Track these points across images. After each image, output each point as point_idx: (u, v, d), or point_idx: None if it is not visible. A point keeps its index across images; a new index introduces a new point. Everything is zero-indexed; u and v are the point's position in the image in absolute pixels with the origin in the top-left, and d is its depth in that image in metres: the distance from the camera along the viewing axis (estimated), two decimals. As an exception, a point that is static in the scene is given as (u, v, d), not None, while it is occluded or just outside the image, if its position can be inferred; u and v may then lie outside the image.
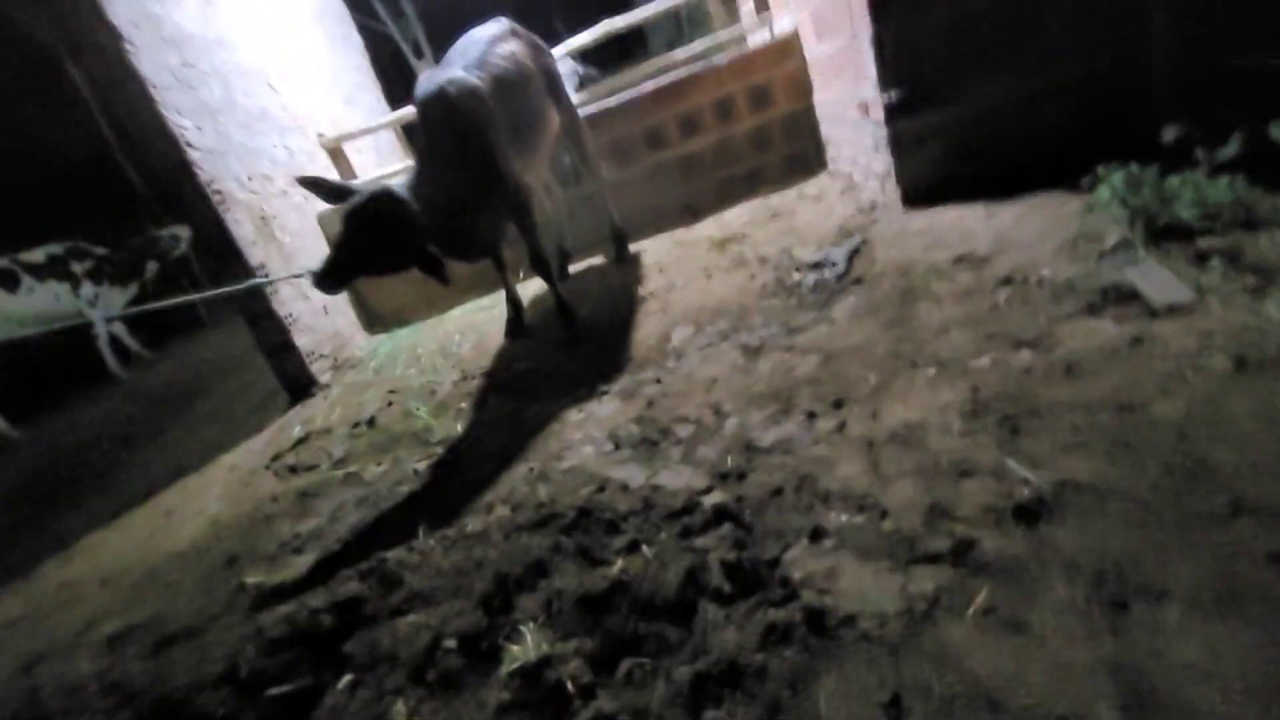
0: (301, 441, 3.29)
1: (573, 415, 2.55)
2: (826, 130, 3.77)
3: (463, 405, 3.02)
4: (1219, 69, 2.23)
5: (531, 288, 4.14)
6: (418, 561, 1.67)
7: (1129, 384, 1.51)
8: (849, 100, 3.16)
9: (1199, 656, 0.94)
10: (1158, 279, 1.82)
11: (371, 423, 3.19)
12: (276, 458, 3.22)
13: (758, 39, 4.03)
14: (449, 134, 2.64)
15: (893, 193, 2.93)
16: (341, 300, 4.24)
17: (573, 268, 4.12)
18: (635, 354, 2.84)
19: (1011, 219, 2.44)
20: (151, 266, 6.65)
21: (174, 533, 2.94)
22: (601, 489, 1.94)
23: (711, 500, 1.72)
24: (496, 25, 3.10)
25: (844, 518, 1.50)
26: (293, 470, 3.06)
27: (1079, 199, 2.29)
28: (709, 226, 3.83)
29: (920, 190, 2.83)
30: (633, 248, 3.97)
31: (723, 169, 4.05)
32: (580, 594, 1.38)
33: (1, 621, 2.72)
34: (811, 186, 3.77)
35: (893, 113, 2.72)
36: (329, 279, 2.28)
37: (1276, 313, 1.55)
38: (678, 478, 1.91)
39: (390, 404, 3.31)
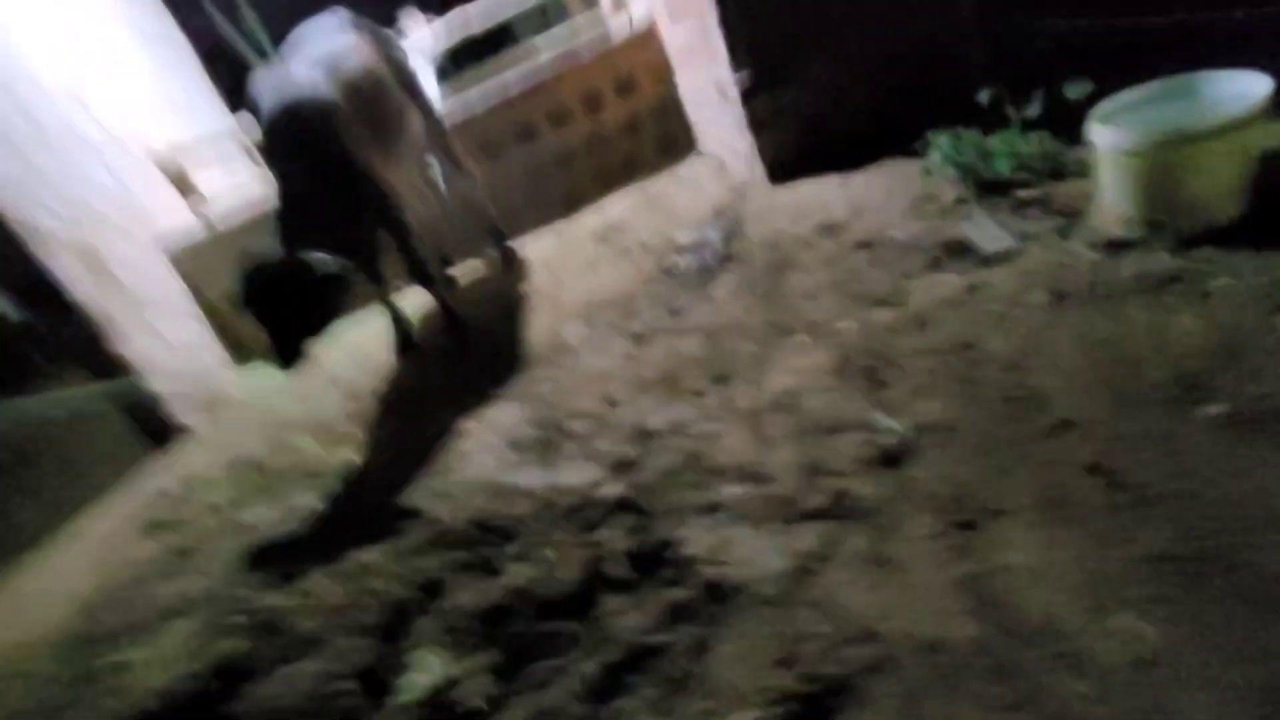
0: (167, 494, 3.00)
1: (469, 425, 2.48)
2: (692, 113, 3.85)
3: (355, 431, 2.86)
4: (1022, 33, 2.47)
5: (415, 299, 3.97)
6: (305, 604, 1.57)
7: (968, 327, 1.66)
8: (708, 82, 3.24)
9: (1035, 561, 1.05)
10: (986, 230, 2.00)
11: (259, 467, 2.96)
12: (143, 514, 2.92)
13: (617, 25, 4.04)
14: (307, 150, 2.46)
15: (758, 170, 3.05)
16: (201, 332, 3.89)
17: (455, 272, 3.99)
18: (528, 355, 2.79)
19: (863, 186, 2.60)
20: None
21: (36, 620, 2.59)
22: (499, 496, 1.90)
23: (609, 491, 1.73)
24: (333, 16, 2.89)
25: (734, 489, 1.55)
26: (162, 526, 2.78)
27: (917, 163, 2.48)
28: (589, 218, 3.82)
29: (781, 166, 2.95)
30: (515, 245, 3.89)
31: (597, 159, 4.05)
32: (480, 607, 1.35)
33: None
34: (684, 169, 3.85)
35: (746, 94, 2.82)
36: (286, 360, 2.26)
37: (1081, 249, 1.75)
38: (578, 473, 1.90)
39: (275, 441, 3.07)
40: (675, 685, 1.15)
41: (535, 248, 3.80)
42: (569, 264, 3.39)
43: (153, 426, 3.39)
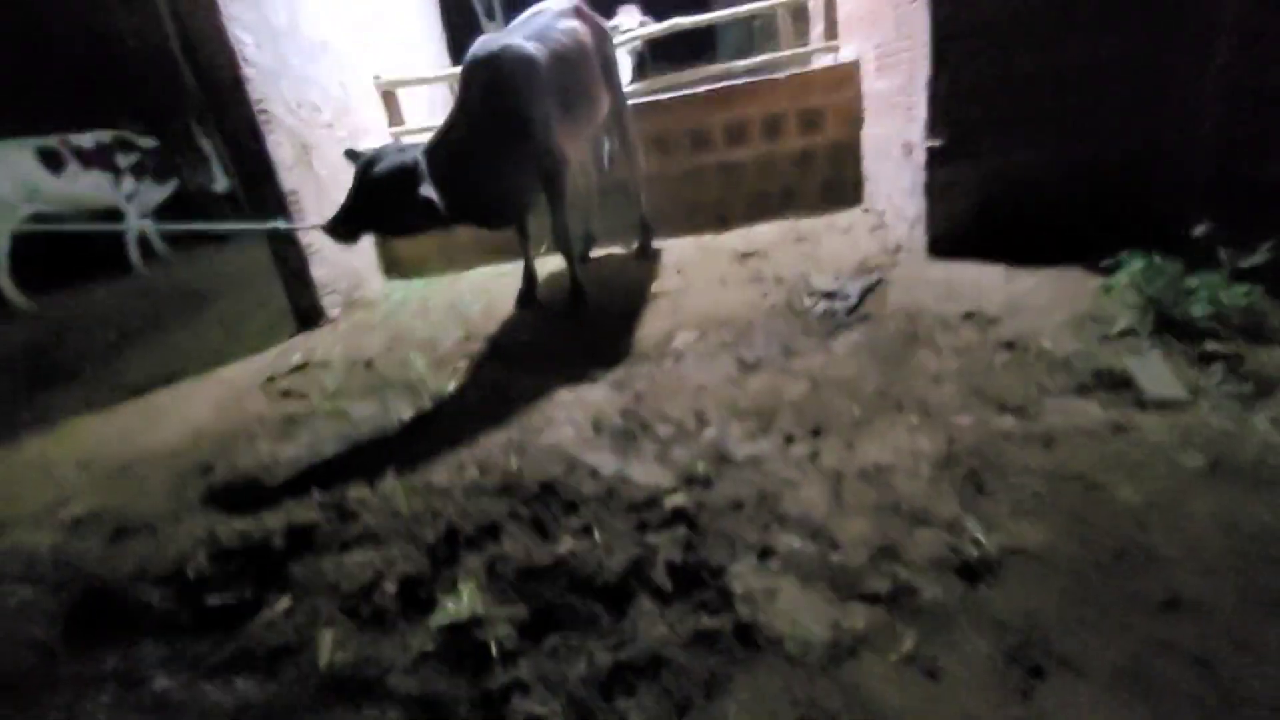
0: (299, 369, 3.34)
1: (563, 394, 2.57)
2: (869, 165, 3.77)
3: (460, 364, 3.06)
4: (1259, 175, 2.21)
5: (550, 264, 4.17)
6: (379, 503, 1.71)
7: (1100, 464, 1.52)
8: (895, 139, 3.16)
9: (1096, 735, 0.96)
10: (1155, 371, 1.82)
11: (369, 364, 3.24)
12: (271, 379, 3.28)
13: (821, 62, 4.03)
14: (492, 98, 2.66)
15: (920, 239, 2.93)
16: (366, 242, 4.30)
17: (595, 253, 4.15)
18: (636, 347, 2.86)
19: (1028, 286, 2.43)
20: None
21: (157, 432, 3.00)
22: (571, 470, 1.97)
23: (673, 501, 1.74)
24: (565, 1, 3.13)
25: (795, 542, 1.52)
26: (285, 394, 3.11)
27: (1097, 278, 2.29)
28: (735, 238, 3.84)
29: (946, 241, 2.83)
30: (657, 244, 3.99)
31: (760, 184, 4.06)
32: (525, 563, 1.42)
33: None
34: (843, 218, 3.77)
35: (934, 158, 2.72)
36: (337, 230, 2.35)
37: (1261, 425, 1.55)
38: (647, 473, 1.93)
39: (391, 350, 3.35)
40: (680, 709, 1.15)
41: (675, 251, 3.88)
42: (702, 276, 3.42)
43: (304, 309, 3.78)
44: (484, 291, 3.93)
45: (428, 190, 2.40)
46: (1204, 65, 2.36)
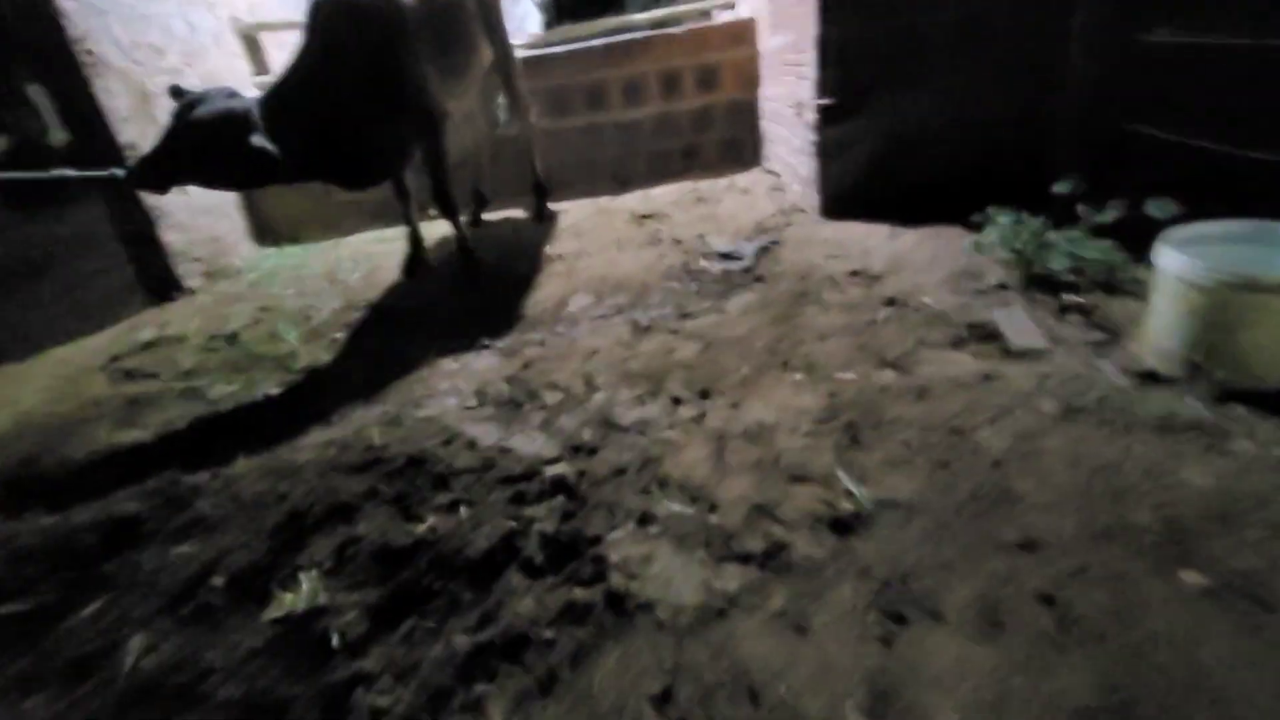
0: (148, 346, 2.99)
1: (447, 364, 2.42)
2: (766, 126, 3.75)
3: (337, 335, 2.82)
4: (1116, 135, 2.33)
5: (440, 228, 3.92)
6: (219, 487, 1.52)
7: (966, 412, 1.55)
8: (788, 98, 3.14)
9: (950, 675, 0.96)
10: (1019, 323, 1.89)
11: (233, 339, 2.93)
12: (115, 359, 2.91)
13: (720, 18, 3.94)
14: (353, 43, 2.39)
15: (813, 200, 2.94)
16: (229, 203, 3.88)
17: (490, 215, 3.94)
18: (528, 313, 2.73)
19: (910, 243, 2.49)
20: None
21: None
22: (448, 442, 1.84)
23: (554, 471, 1.65)
24: None
25: (675, 506, 1.47)
26: (129, 375, 2.76)
27: (973, 236, 2.36)
28: (633, 200, 3.74)
29: (838, 201, 2.85)
30: (553, 207, 3.83)
31: (659, 143, 3.97)
32: (379, 545, 1.29)
33: None
34: (742, 179, 3.75)
35: (824, 117, 2.71)
36: (144, 177, 2.06)
37: (1111, 370, 1.63)
38: (530, 443, 1.83)
39: (259, 322, 3.05)
40: (540, 687, 1.08)
41: (573, 213, 3.73)
42: (598, 237, 3.31)
43: (154, 279, 3.38)
44: (366, 257, 3.65)
45: (259, 140, 2.14)
46: (1068, 23, 2.46)
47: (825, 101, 2.68)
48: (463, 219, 3.13)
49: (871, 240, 2.61)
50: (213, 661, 1.06)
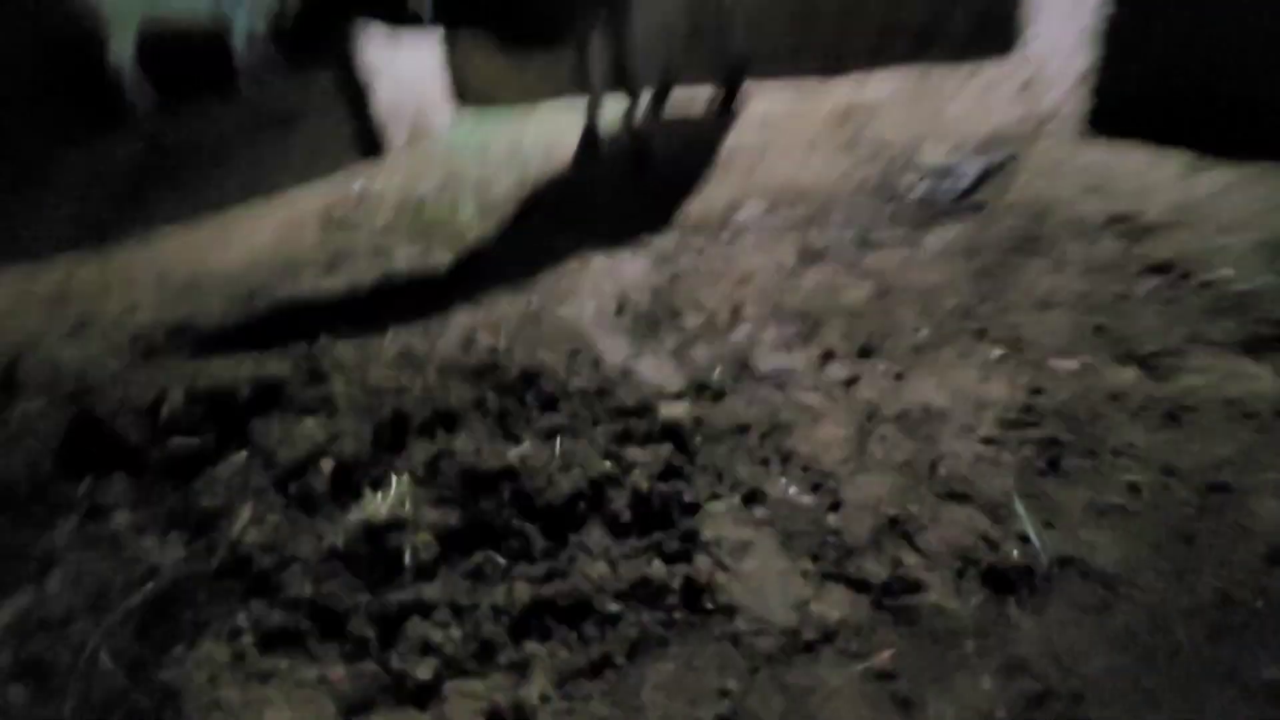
0: (356, 200, 3.24)
1: (598, 261, 2.29)
2: (1042, -3, 2.86)
3: (508, 211, 2.82)
4: None
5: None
6: (354, 365, 1.58)
7: (1243, 460, 1.09)
8: (1084, -42, 2.31)
9: None
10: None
11: (421, 203, 3.07)
12: (329, 209, 3.20)
13: None
14: None
15: (1079, 106, 2.22)
16: (434, 66, 3.95)
17: (676, 93, 3.58)
18: (693, 213, 2.47)
19: (1215, 185, 1.78)
20: None
21: (225, 252, 3.03)
22: (574, 354, 1.74)
23: (668, 412, 1.48)
24: None
25: (792, 490, 1.24)
26: (338, 225, 3.03)
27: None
28: (843, 88, 3.15)
29: (1114, 112, 2.11)
30: (745, 91, 3.36)
31: (891, 15, 3.23)
32: (469, 465, 1.25)
33: (75, 292, 2.97)
34: (989, 70, 2.96)
35: (1127, -10, 1.94)
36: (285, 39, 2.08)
37: None
38: (655, 370, 1.67)
39: (445, 189, 3.15)
40: (591, 668, 0.99)
41: (766, 101, 3.25)
42: (790, 133, 2.86)
43: (367, 136, 3.61)
44: (555, 132, 3.55)
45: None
46: None
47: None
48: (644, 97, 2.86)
49: (1155, 174, 1.91)
50: (296, 551, 1.11)
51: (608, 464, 1.31)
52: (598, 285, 2.15)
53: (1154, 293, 1.53)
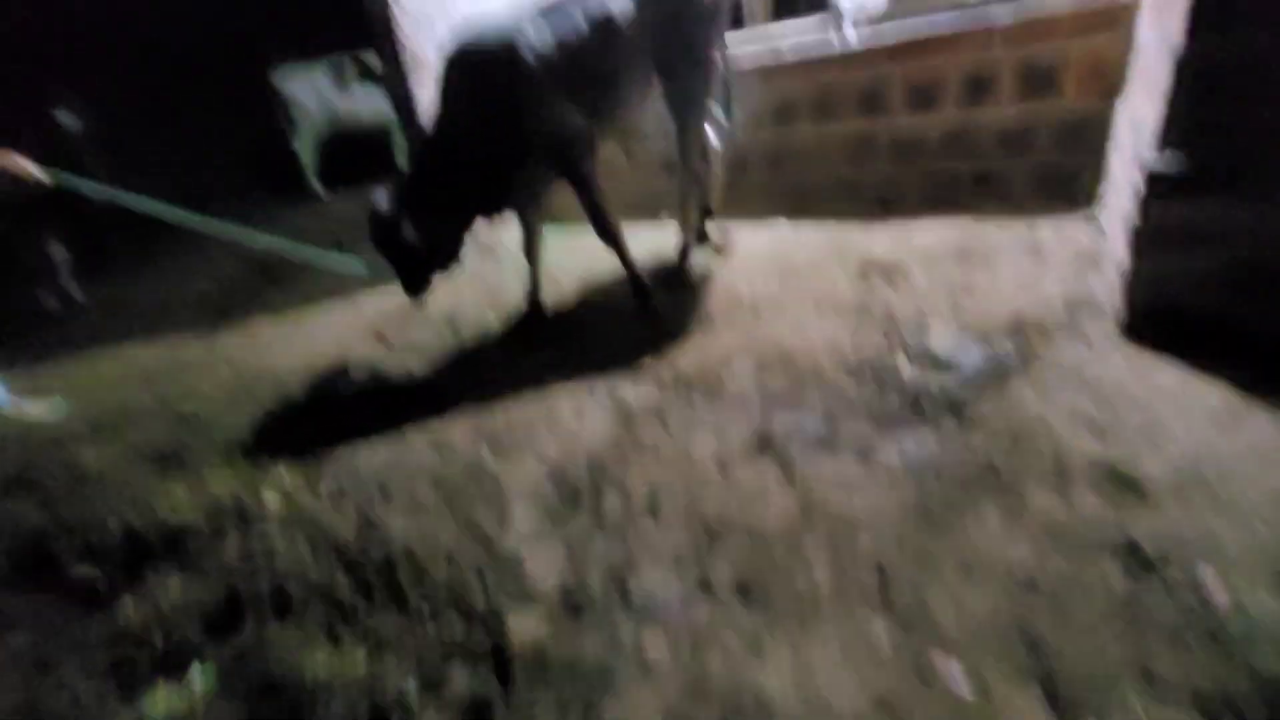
0: (403, 317, 3.49)
1: (565, 407, 2.27)
2: (1115, 158, 2.51)
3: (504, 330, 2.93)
4: None
5: (668, 235, 3.69)
6: (277, 505, 1.67)
7: None
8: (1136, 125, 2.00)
9: None
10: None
11: (453, 318, 3.26)
12: (381, 321, 3.48)
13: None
14: (475, 93, 2.38)
15: (1115, 302, 1.88)
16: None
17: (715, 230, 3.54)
18: (681, 365, 2.37)
19: (1251, 443, 1.39)
20: None
21: (287, 349, 3.39)
22: (471, 526, 1.71)
23: (515, 627, 1.39)
24: None
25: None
26: (376, 338, 3.29)
27: None
28: (880, 238, 2.93)
29: (1153, 319, 1.76)
30: (785, 225, 3.26)
31: (946, 163, 3.01)
32: (266, 669, 1.24)
33: (158, 374, 3.47)
34: (1047, 230, 2.61)
35: (1157, 185, 1.64)
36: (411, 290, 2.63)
37: None
38: (545, 562, 1.61)
39: (478, 305, 3.33)
40: None
41: (800, 243, 3.13)
42: (806, 284, 2.71)
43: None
44: (589, 256, 3.65)
45: (403, 228, 2.38)
46: None
47: (1168, 156, 1.61)
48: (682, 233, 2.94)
49: (1178, 409, 1.54)
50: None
51: (411, 686, 1.25)
52: (549, 433, 2.13)
53: (1110, 592, 1.20)
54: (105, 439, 2.59)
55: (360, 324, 3.53)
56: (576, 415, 2.23)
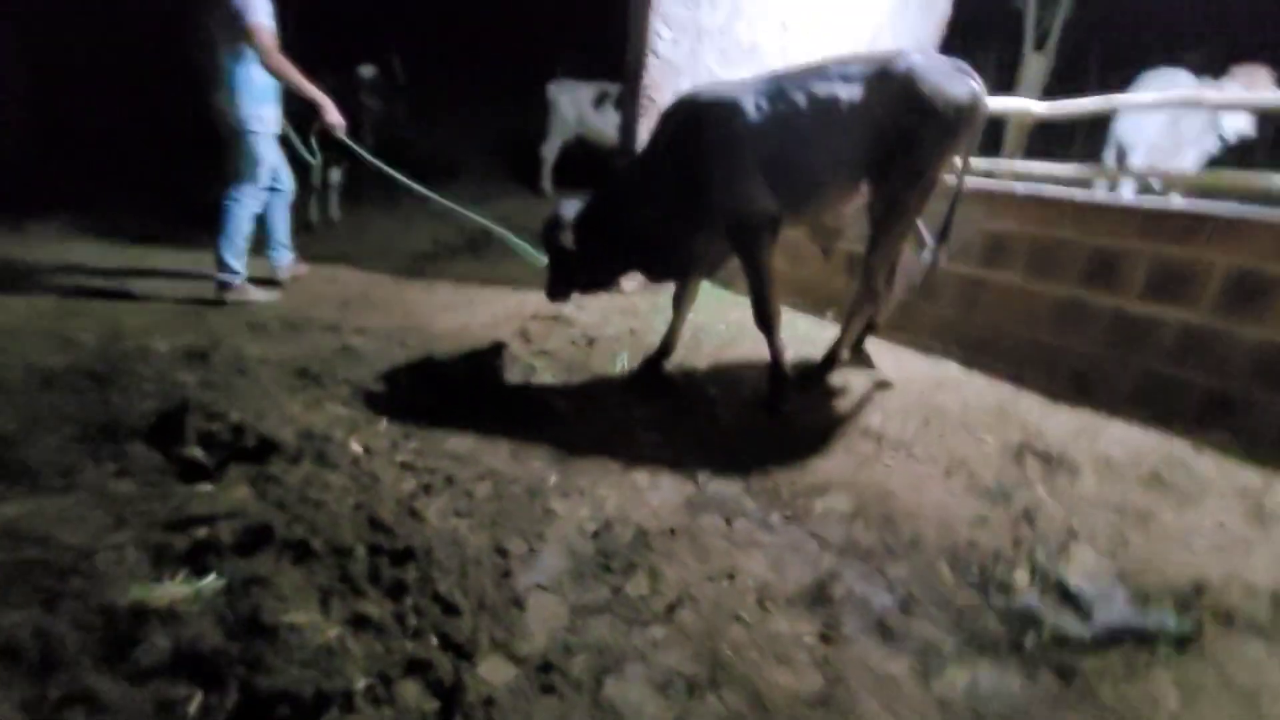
0: (552, 318, 3.67)
1: (641, 478, 2.19)
2: None
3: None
4: None
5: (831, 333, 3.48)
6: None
7: None
8: None
9: None
10: None
11: (593, 342, 3.36)
12: (535, 316, 3.67)
13: None
14: (680, 140, 2.44)
15: None
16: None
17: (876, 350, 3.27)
18: (776, 478, 2.20)
19: None
20: None
21: (452, 315, 3.72)
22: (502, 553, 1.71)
23: (484, 669, 1.35)
24: (903, 60, 2.27)
25: None
26: (523, 334, 3.48)
27: None
28: (1058, 419, 2.51)
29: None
30: (955, 369, 2.93)
31: (1174, 367, 2.51)
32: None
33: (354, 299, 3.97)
34: (1225, 481, 2.06)
35: None
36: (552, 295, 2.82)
37: None
38: (543, 611, 1.55)
39: (622, 338, 3.37)
40: None
41: (946, 381, 2.81)
42: (941, 436, 2.42)
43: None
44: (743, 329, 3.57)
45: (565, 238, 2.52)
46: None
47: None
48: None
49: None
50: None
51: (359, 687, 1.26)
52: (611, 496, 2.07)
53: None
54: (279, 341, 3.02)
55: (518, 315, 3.76)
56: (651, 482, 2.17)
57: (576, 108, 7.53)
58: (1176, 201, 2.53)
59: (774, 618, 1.59)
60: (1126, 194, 3.30)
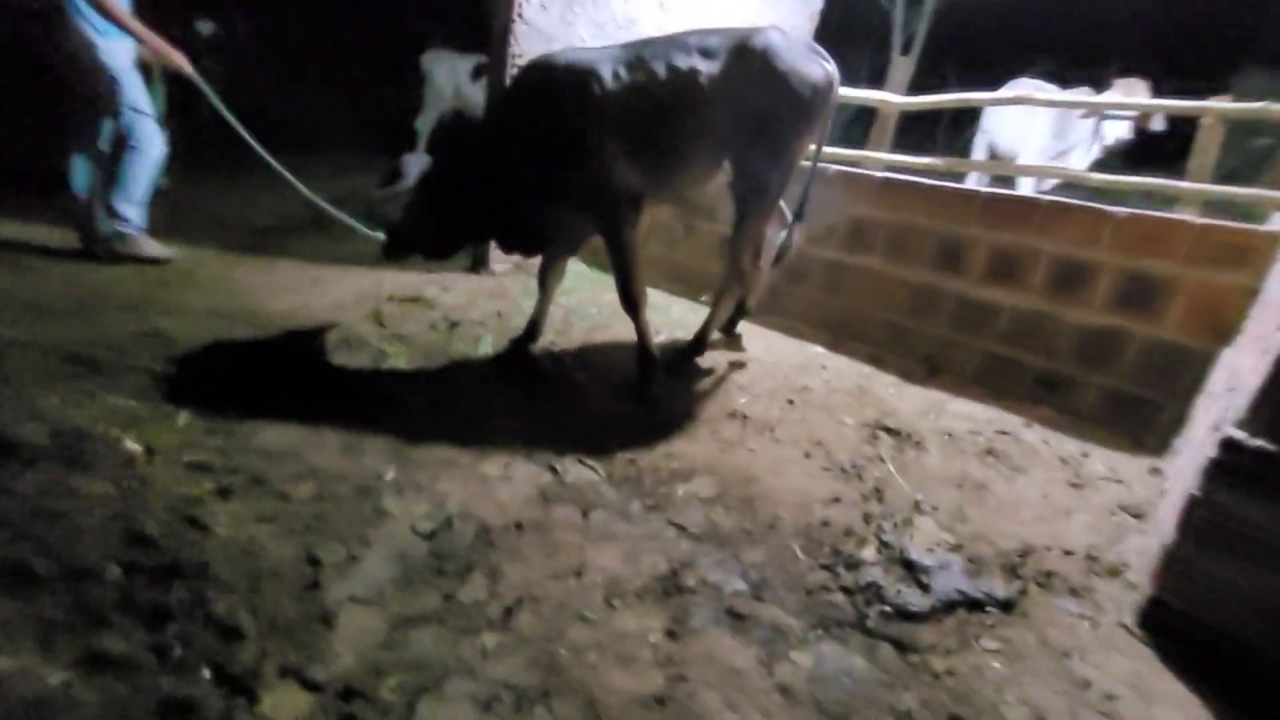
0: (412, 300, 3.39)
1: (492, 466, 2.03)
2: (1201, 407, 2.13)
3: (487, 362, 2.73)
4: None
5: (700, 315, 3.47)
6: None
7: None
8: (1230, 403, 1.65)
9: None
10: None
11: (455, 325, 3.12)
12: (390, 298, 3.38)
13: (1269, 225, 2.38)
14: (539, 111, 2.25)
15: (1143, 580, 1.50)
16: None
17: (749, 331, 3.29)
18: (639, 459, 2.11)
19: None
20: None
21: (316, 295, 3.32)
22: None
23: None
24: (759, 36, 2.27)
25: None
26: (376, 318, 3.17)
27: None
28: (909, 399, 2.61)
29: (1180, 631, 1.37)
30: (820, 352, 2.97)
31: (1011, 347, 2.68)
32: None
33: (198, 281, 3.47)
34: (1100, 463, 2.23)
35: (1225, 466, 1.29)
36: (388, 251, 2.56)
37: None
38: (343, 630, 1.33)
39: (483, 323, 3.17)
40: None
41: (822, 371, 2.83)
42: (806, 422, 2.41)
43: (476, 256, 3.91)
44: (612, 308, 3.47)
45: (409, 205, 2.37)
46: None
47: (1248, 434, 1.26)
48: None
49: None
50: None
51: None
52: (456, 489, 1.88)
53: None
54: (57, 322, 2.53)
55: (373, 296, 3.43)
56: (503, 473, 1.99)
57: (453, 80, 7.13)
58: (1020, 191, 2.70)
59: (620, 615, 1.48)
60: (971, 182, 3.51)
